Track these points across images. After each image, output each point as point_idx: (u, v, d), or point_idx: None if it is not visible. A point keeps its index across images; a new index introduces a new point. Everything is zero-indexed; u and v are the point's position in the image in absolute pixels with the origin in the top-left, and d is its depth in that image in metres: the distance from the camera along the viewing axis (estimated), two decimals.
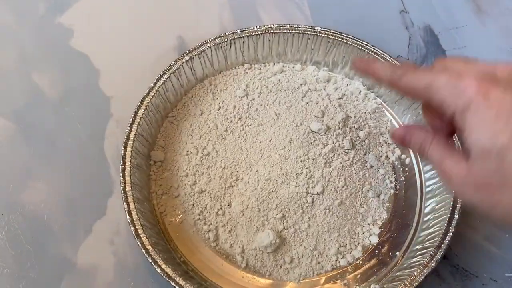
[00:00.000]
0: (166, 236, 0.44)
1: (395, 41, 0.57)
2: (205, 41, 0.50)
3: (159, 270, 0.38)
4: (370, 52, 0.50)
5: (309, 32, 0.51)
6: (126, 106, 0.49)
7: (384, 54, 0.49)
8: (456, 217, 0.41)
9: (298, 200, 0.44)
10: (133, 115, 0.45)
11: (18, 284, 0.42)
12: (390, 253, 0.44)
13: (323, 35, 0.51)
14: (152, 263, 0.38)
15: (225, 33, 0.51)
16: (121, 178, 0.42)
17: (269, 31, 0.51)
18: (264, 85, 0.51)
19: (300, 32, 0.51)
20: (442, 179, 0.42)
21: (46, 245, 0.44)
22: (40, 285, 0.42)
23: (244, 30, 0.51)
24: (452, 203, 0.41)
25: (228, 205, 0.45)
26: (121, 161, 0.43)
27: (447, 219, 0.41)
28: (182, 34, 0.57)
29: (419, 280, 0.38)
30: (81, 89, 0.52)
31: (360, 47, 0.50)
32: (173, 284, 0.38)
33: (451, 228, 0.40)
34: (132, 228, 0.39)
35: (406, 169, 0.48)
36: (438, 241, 0.40)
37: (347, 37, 0.50)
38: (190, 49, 0.50)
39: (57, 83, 0.53)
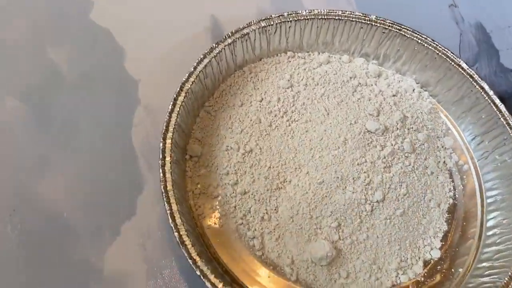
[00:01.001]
0: (205, 242, 0.39)
1: (445, 36, 0.53)
2: (249, 23, 0.45)
3: (209, 285, 0.33)
4: (430, 47, 0.45)
5: (362, 21, 0.46)
6: (156, 92, 0.44)
7: (446, 49, 0.45)
8: None
9: (355, 208, 0.39)
10: (171, 103, 0.39)
11: None
12: (453, 269, 0.40)
13: (378, 24, 0.46)
14: (201, 277, 0.33)
15: (271, 16, 0.45)
16: (161, 175, 0.36)
17: (319, 17, 0.46)
18: (310, 77, 0.46)
19: (353, 19, 0.46)
20: None
21: (67, 248, 0.38)
22: None
23: (291, 14, 0.46)
24: None
25: (275, 209, 0.40)
26: (160, 155, 0.37)
27: None
28: (216, 14, 0.51)
29: None
30: (104, 69, 0.46)
31: (419, 41, 0.45)
32: None
33: None
34: (176, 234, 0.34)
35: (464, 176, 0.44)
36: None
37: (405, 28, 0.46)
38: (232, 31, 0.44)
39: (76, 62, 0.46)
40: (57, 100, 0.44)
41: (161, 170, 0.36)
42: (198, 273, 0.33)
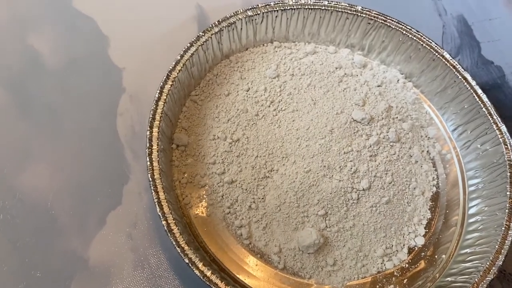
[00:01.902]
0: (192, 231, 0.39)
1: (428, 28, 0.54)
2: (235, 12, 0.44)
3: (197, 273, 0.33)
4: (414, 38, 0.46)
5: (348, 11, 0.46)
6: (141, 80, 0.43)
7: (430, 40, 0.46)
8: None
9: (342, 196, 0.39)
10: (158, 91, 0.39)
11: (18, 285, 0.35)
12: (436, 256, 0.40)
13: (364, 15, 0.46)
14: (190, 265, 0.33)
15: (257, 5, 0.45)
16: (148, 163, 0.36)
17: (306, 7, 0.46)
18: (296, 67, 0.46)
19: (339, 10, 0.46)
20: None
21: (52, 239, 0.37)
22: (45, 286, 0.35)
23: (278, 3, 0.46)
24: (508, 205, 0.39)
25: (262, 198, 0.40)
26: (147, 144, 0.37)
27: (504, 223, 0.38)
28: (201, 3, 0.51)
29: (484, 286, 0.35)
30: (88, 58, 0.45)
31: (404, 32, 0.46)
32: (212, 287, 0.33)
33: (510, 232, 0.37)
34: (164, 223, 0.34)
35: (447, 165, 0.45)
36: (497, 246, 0.37)
37: (390, 19, 0.46)
38: (219, 20, 0.44)
39: (59, 50, 0.45)
40: (40, 87, 0.43)
41: (148, 159, 0.36)
42: (186, 261, 0.33)
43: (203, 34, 0.43)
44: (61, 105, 0.42)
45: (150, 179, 0.35)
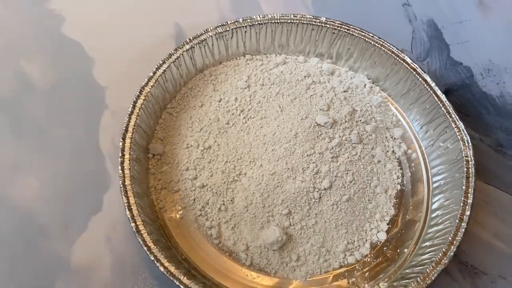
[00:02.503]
0: (166, 232, 0.42)
1: (398, 34, 0.56)
2: (206, 30, 0.48)
3: (162, 269, 0.36)
4: (376, 44, 0.48)
5: (313, 23, 0.49)
6: (122, 97, 0.47)
7: (391, 46, 0.48)
8: (468, 212, 0.40)
9: (305, 196, 0.42)
10: (131, 105, 0.43)
11: (7, 285, 0.39)
12: (398, 250, 0.42)
13: (328, 25, 0.49)
14: (155, 262, 0.36)
15: (227, 22, 0.49)
16: (120, 172, 0.39)
17: (273, 21, 0.49)
18: (266, 77, 0.49)
19: (305, 22, 0.49)
20: None
21: (37, 243, 0.41)
22: (31, 285, 0.39)
23: (246, 19, 0.49)
24: (463, 198, 0.40)
25: (231, 200, 0.43)
26: (120, 154, 0.40)
27: (458, 216, 0.40)
28: (179, 22, 0.55)
29: (432, 278, 0.37)
30: (73, 78, 0.50)
31: (367, 39, 0.48)
32: (177, 283, 0.36)
33: (463, 224, 0.39)
34: (133, 224, 0.37)
35: (413, 164, 0.47)
36: (450, 238, 0.39)
37: (353, 28, 0.49)
38: (191, 38, 0.47)
39: (48, 72, 0.50)
40: (29, 107, 0.47)
41: (120, 167, 0.39)
42: (152, 258, 0.36)
43: (175, 51, 0.46)
44: (49, 122, 0.47)
45: (121, 185, 0.39)
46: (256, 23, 0.49)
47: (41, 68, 0.50)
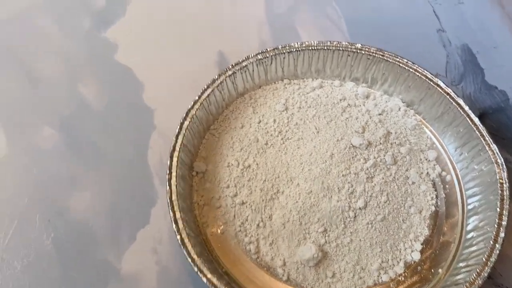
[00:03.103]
0: (208, 246, 0.44)
1: (433, 59, 0.58)
2: (247, 57, 0.51)
3: (204, 280, 0.38)
4: (410, 70, 0.50)
5: (349, 49, 0.52)
6: (169, 119, 0.50)
7: (425, 71, 0.50)
8: (502, 234, 0.40)
9: (340, 215, 0.44)
10: (178, 127, 0.46)
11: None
12: (432, 270, 0.43)
13: (363, 52, 0.51)
14: (198, 273, 0.39)
15: (267, 49, 0.52)
16: (168, 188, 0.42)
17: (310, 48, 0.52)
18: (303, 100, 0.52)
19: (340, 49, 0.52)
20: None
21: (91, 252, 0.45)
22: None
23: (285, 47, 0.52)
24: (497, 220, 0.41)
25: (269, 217, 0.45)
26: (167, 171, 0.43)
27: (492, 237, 0.40)
28: (222, 49, 0.58)
29: None
30: (125, 101, 0.54)
31: (401, 65, 0.50)
32: None
33: (497, 245, 0.40)
34: (178, 237, 0.40)
35: (447, 186, 0.48)
36: (484, 259, 0.39)
37: (388, 54, 0.51)
38: (233, 64, 0.51)
39: (102, 95, 0.54)
40: (86, 128, 0.52)
41: (167, 183, 0.43)
42: (195, 269, 0.39)
43: (218, 77, 0.50)
44: (102, 142, 0.51)
45: (168, 200, 0.42)
46: (294, 50, 0.52)
47: (96, 92, 0.55)
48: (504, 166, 0.43)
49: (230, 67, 0.51)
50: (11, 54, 0.57)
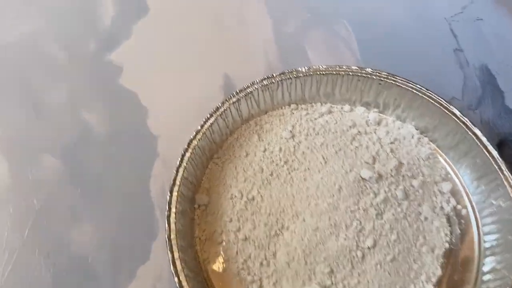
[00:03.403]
0: (209, 285, 0.43)
1: (449, 81, 0.55)
2: (252, 83, 0.49)
3: None
4: (424, 96, 0.47)
5: (359, 74, 0.49)
6: (172, 146, 0.49)
7: (439, 98, 0.47)
8: None
9: (347, 254, 0.42)
10: (179, 159, 0.45)
11: None
12: None
13: (374, 76, 0.49)
14: None
15: (273, 74, 0.50)
16: (166, 226, 0.41)
17: (318, 72, 0.50)
18: (311, 127, 0.50)
19: (350, 73, 0.50)
20: None
21: (89, 286, 0.43)
22: None
23: (291, 72, 0.50)
24: None
25: (273, 255, 0.43)
26: (167, 207, 0.42)
27: (509, 283, 0.38)
28: (229, 73, 0.57)
29: None
30: (128, 127, 0.53)
31: (414, 91, 0.48)
32: None
33: None
34: (176, 279, 0.39)
35: (462, 221, 0.45)
36: None
37: (399, 79, 0.48)
38: (237, 91, 0.49)
39: (105, 121, 0.53)
40: (88, 156, 0.51)
41: (166, 221, 0.41)
42: None
43: (221, 104, 0.48)
44: (104, 171, 0.50)
45: (167, 239, 0.40)
46: (301, 74, 0.50)
47: (99, 117, 0.53)
48: None
49: (235, 93, 0.49)
50: (16, 78, 0.57)
